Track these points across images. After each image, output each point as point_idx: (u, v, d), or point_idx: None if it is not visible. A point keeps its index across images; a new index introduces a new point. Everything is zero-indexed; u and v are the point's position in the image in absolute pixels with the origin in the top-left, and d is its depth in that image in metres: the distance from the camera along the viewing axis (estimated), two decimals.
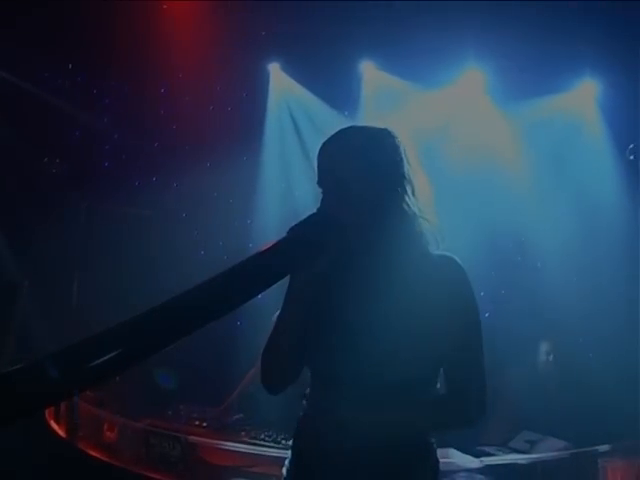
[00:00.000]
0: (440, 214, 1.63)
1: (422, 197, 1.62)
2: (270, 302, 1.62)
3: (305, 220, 1.54)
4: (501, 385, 3.92)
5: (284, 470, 1.74)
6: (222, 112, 5.29)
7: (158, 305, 1.35)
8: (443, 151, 4.43)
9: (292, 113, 5.22)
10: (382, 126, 1.64)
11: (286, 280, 1.55)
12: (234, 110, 5.30)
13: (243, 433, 3.66)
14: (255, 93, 5.24)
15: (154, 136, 5.46)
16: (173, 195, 5.21)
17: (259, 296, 1.44)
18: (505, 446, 3.41)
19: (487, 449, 3.36)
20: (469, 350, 1.58)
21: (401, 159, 1.61)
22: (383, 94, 4.80)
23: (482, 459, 3.20)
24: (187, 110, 5.24)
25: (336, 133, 1.64)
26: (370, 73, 4.91)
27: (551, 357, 4.04)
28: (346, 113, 4.76)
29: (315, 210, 1.59)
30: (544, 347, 4.07)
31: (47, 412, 4.00)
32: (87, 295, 4.84)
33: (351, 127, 1.66)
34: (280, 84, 5.19)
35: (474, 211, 4.36)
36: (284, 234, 1.51)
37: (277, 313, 3.09)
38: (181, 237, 5.25)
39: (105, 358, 1.22)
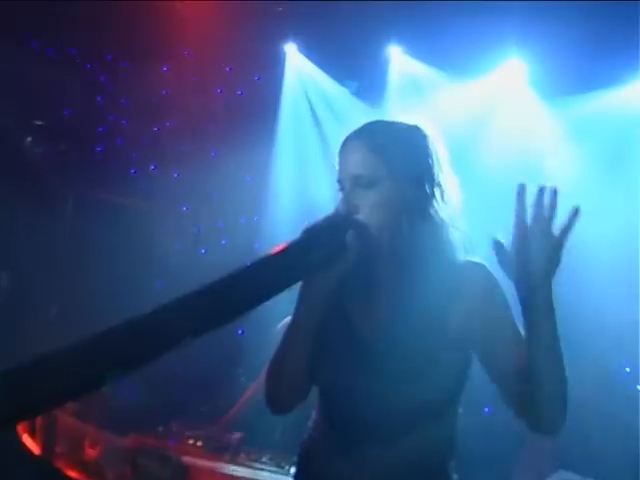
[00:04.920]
0: (472, 220, 1.58)
1: (452, 203, 1.57)
2: (275, 309, 1.58)
3: (322, 221, 1.51)
4: None
5: None
6: (231, 96, 5.20)
7: (154, 309, 1.29)
8: (477, 150, 4.20)
9: (309, 100, 5.04)
10: (412, 122, 1.59)
11: (296, 287, 1.52)
12: (244, 94, 5.22)
13: (242, 455, 3.52)
14: (269, 76, 5.08)
15: (154, 120, 5.28)
16: (173, 186, 5.08)
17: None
18: None
19: None
20: (509, 353, 1.47)
21: (431, 160, 1.56)
22: (411, 83, 4.63)
23: None
24: (191, 92, 5.14)
25: (361, 127, 1.59)
26: (397, 59, 4.71)
27: (595, 394, 3.80)
28: (369, 102, 4.58)
29: (333, 210, 1.55)
30: (589, 382, 3.81)
31: (20, 425, 3.67)
32: (71, 293, 4.61)
33: (378, 121, 1.61)
34: (297, 67, 5.02)
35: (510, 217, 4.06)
36: (297, 235, 1.46)
37: (282, 323, 2.81)
38: (180, 233, 5.17)
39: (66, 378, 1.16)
